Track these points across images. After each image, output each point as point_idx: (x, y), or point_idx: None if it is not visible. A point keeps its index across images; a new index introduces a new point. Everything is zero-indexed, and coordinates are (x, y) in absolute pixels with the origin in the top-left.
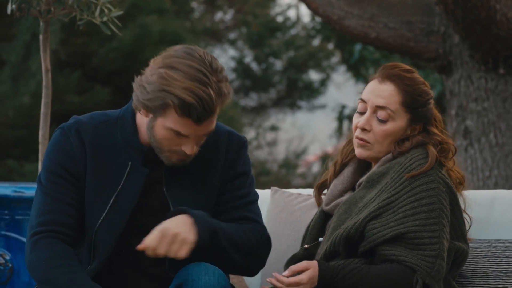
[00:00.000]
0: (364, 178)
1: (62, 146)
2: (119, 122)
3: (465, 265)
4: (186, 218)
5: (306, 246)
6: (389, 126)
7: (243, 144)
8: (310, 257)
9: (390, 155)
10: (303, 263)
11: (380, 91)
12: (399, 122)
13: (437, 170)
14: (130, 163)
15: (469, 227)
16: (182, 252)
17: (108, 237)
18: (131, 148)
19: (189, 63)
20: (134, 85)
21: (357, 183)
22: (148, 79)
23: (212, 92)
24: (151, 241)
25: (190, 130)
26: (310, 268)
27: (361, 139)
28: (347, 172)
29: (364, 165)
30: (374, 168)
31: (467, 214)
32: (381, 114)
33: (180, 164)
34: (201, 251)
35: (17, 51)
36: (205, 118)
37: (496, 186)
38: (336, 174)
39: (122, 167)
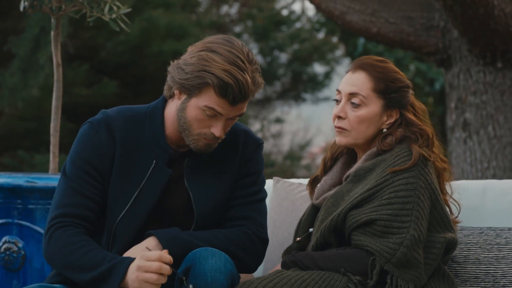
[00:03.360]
0: (351, 171)
1: (91, 141)
2: (147, 119)
3: (457, 252)
4: (150, 241)
5: (298, 239)
6: (363, 111)
7: (258, 145)
8: (303, 249)
9: (374, 149)
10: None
11: (352, 80)
12: (373, 107)
13: (419, 167)
14: (154, 161)
15: (459, 213)
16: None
17: (128, 230)
18: (158, 147)
19: (229, 49)
20: (170, 68)
21: (344, 176)
22: (187, 61)
23: (248, 78)
24: None
25: (224, 110)
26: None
27: (338, 127)
28: (336, 168)
29: (352, 160)
30: (360, 162)
31: (454, 200)
32: (354, 100)
33: (206, 149)
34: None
35: (26, 45)
36: (239, 101)
37: (494, 177)
38: (326, 169)
39: (147, 164)
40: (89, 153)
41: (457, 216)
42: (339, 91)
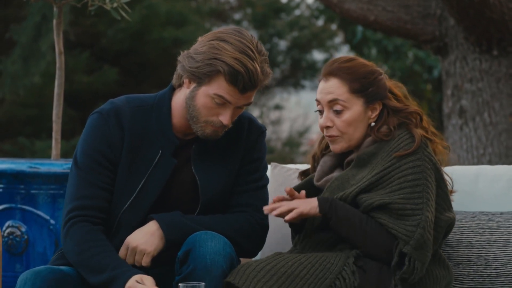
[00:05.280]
0: (353, 156)
1: (102, 131)
2: (155, 108)
3: (451, 235)
4: (152, 225)
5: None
6: (347, 115)
7: (261, 133)
8: (301, 228)
9: (371, 138)
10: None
11: (327, 88)
12: (355, 108)
13: (422, 149)
14: (160, 151)
15: (451, 187)
16: (144, 261)
17: (132, 221)
18: (164, 137)
19: (239, 39)
20: (181, 57)
21: (346, 160)
22: (198, 50)
23: (257, 67)
24: (120, 253)
25: (233, 98)
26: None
27: (329, 136)
28: (331, 153)
29: None
30: (363, 148)
31: (448, 176)
32: (336, 107)
33: (213, 136)
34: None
35: (27, 32)
36: (248, 89)
37: (490, 163)
38: (316, 165)
39: (153, 154)
40: (100, 144)
41: (451, 189)
42: (318, 101)
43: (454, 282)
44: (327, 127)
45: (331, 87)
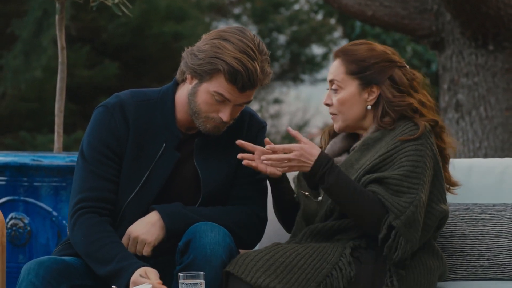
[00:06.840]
0: (358, 142)
1: (107, 125)
2: (159, 103)
3: (445, 227)
4: (153, 216)
5: (306, 193)
6: (341, 95)
7: (262, 128)
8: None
9: (375, 126)
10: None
11: (331, 68)
12: (349, 89)
13: (426, 137)
14: (164, 145)
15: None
16: (145, 251)
17: (135, 213)
18: (168, 131)
19: (241, 39)
20: (184, 54)
21: (351, 147)
22: (200, 48)
23: (257, 67)
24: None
25: (233, 97)
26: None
27: (330, 113)
28: (342, 134)
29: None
30: (368, 133)
31: (448, 172)
32: (334, 86)
33: (214, 131)
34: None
35: (29, 27)
36: (247, 88)
37: (486, 157)
38: (329, 141)
39: (157, 148)
40: (106, 136)
41: (449, 188)
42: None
43: (447, 273)
44: (327, 105)
45: (333, 67)
